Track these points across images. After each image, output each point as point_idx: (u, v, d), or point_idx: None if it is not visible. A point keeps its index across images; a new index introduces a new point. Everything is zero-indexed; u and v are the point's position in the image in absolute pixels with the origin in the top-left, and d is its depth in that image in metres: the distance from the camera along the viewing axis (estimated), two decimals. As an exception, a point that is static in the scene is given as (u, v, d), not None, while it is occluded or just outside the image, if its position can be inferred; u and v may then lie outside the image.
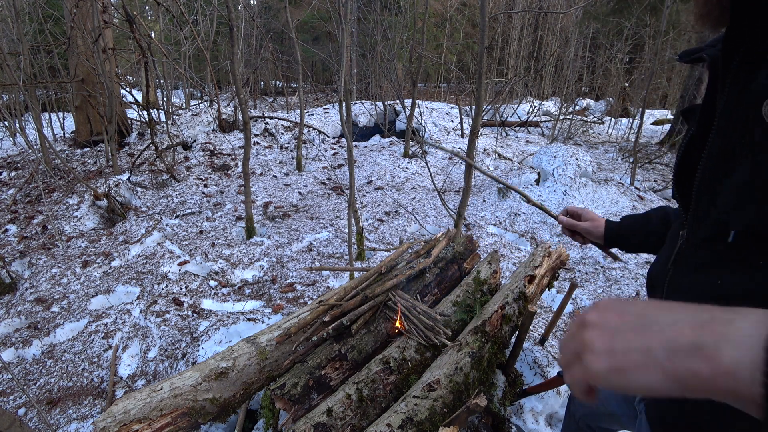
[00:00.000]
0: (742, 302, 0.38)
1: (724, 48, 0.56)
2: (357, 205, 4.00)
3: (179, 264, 3.17)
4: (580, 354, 0.39)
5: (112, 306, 2.75)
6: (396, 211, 4.14)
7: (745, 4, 0.51)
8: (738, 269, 0.54)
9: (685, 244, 0.67)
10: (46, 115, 6.80)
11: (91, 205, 3.93)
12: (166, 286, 2.90)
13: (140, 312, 2.66)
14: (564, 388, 1.83)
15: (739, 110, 0.55)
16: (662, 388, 0.34)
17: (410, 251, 1.90)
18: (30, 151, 5.32)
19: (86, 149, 5.62)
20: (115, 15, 6.08)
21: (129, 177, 4.70)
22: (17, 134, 6.42)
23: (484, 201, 4.40)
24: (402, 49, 9.03)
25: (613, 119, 9.12)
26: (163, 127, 5.82)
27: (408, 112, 5.64)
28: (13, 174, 4.91)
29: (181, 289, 2.89)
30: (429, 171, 3.35)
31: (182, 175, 4.97)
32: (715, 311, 0.35)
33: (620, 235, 1.01)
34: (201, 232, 3.73)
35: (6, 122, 6.36)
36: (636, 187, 4.77)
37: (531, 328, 2.39)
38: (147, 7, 11.20)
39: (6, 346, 2.40)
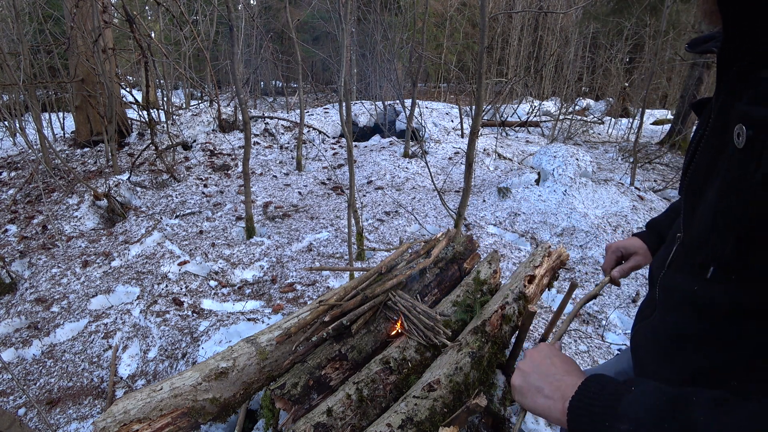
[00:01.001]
0: (709, 311, 0.54)
1: (722, 50, 0.53)
2: (357, 205, 4.00)
3: (179, 264, 3.17)
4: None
5: (112, 306, 2.75)
6: (396, 211, 4.14)
7: (739, 6, 0.48)
8: (709, 282, 0.55)
9: (680, 246, 0.66)
10: (46, 115, 6.80)
11: (91, 205, 3.93)
12: (166, 286, 2.90)
13: (140, 312, 2.66)
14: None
15: (726, 118, 0.53)
16: (540, 414, 0.60)
17: (410, 251, 1.90)
18: (30, 151, 5.32)
19: (86, 149, 5.62)
20: (115, 15, 6.08)
21: (129, 177, 4.70)
22: (17, 134, 6.42)
23: (484, 201, 4.40)
24: (402, 49, 9.03)
25: (613, 119, 9.12)
26: (163, 127, 5.82)
27: (408, 112, 5.64)
28: (13, 174, 4.91)
29: (181, 289, 2.89)
30: (429, 171, 3.35)
31: (182, 175, 4.97)
32: (564, 376, 0.59)
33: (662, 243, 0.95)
34: (201, 232, 3.73)
35: (6, 122, 6.36)
36: (636, 187, 4.77)
37: (531, 328, 2.39)
38: (147, 7, 11.20)
39: (6, 346, 2.40)
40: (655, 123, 9.89)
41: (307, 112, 7.56)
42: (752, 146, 0.44)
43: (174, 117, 6.14)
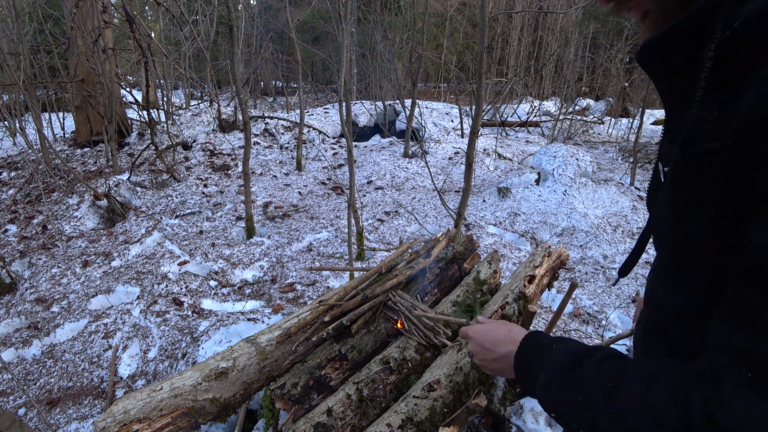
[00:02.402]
0: (664, 309, 0.62)
1: (659, 91, 0.56)
2: (357, 205, 4.00)
3: (179, 264, 3.17)
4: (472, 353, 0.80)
5: (112, 306, 2.75)
6: (396, 211, 4.14)
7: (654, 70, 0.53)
8: (663, 285, 0.62)
9: None
10: (46, 115, 6.80)
11: (91, 205, 3.93)
12: (166, 286, 2.90)
13: (140, 312, 2.66)
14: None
15: (659, 150, 0.60)
16: (497, 373, 0.74)
17: (410, 251, 1.90)
18: (30, 151, 5.32)
19: (86, 149, 5.62)
20: (115, 15, 6.08)
21: (129, 177, 4.70)
22: (17, 134, 6.42)
23: (484, 201, 4.40)
24: (402, 49, 9.03)
25: (613, 119, 9.12)
26: (163, 127, 5.82)
27: (408, 112, 5.64)
28: (13, 174, 4.91)
29: (181, 289, 2.89)
30: (429, 171, 3.35)
31: (182, 175, 4.97)
32: (510, 335, 0.72)
33: None
34: (201, 232, 3.73)
35: (6, 122, 6.36)
36: (636, 187, 4.78)
37: (531, 328, 2.39)
38: (147, 7, 11.20)
39: (6, 346, 2.40)
40: (655, 123, 9.88)
41: (307, 112, 7.56)
42: (668, 181, 0.51)
43: (174, 117, 6.14)
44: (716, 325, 0.44)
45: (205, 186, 4.78)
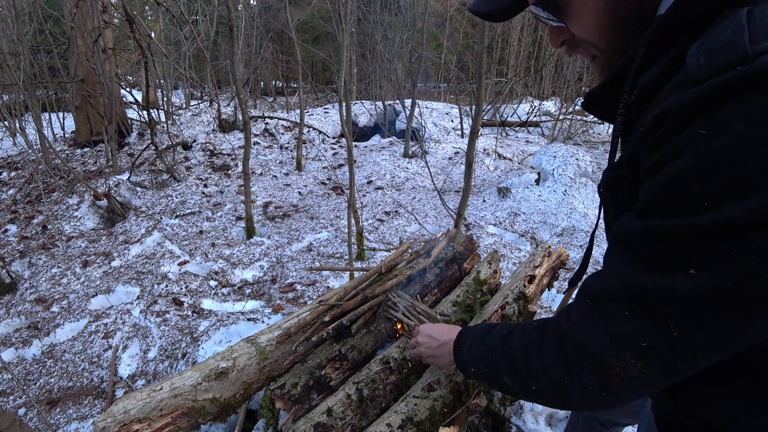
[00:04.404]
0: None
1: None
2: (357, 205, 4.00)
3: (179, 264, 3.17)
4: (416, 347, 1.09)
5: (112, 306, 2.75)
6: (396, 211, 4.14)
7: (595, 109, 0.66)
8: None
9: None
10: (46, 115, 6.79)
11: (91, 205, 3.93)
12: (166, 286, 2.90)
13: (140, 312, 2.66)
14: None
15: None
16: (436, 360, 1.03)
17: (410, 251, 1.90)
18: (30, 151, 5.32)
19: (86, 149, 5.62)
20: (115, 15, 6.08)
21: (129, 177, 4.70)
22: (17, 134, 6.42)
23: (484, 201, 4.40)
24: (402, 49, 9.02)
25: (613, 119, 9.10)
26: (163, 127, 5.82)
27: (408, 112, 5.64)
28: (13, 174, 4.91)
29: (181, 289, 2.89)
30: (429, 171, 3.35)
31: (182, 175, 4.97)
32: (447, 333, 1.00)
33: None
34: (201, 232, 3.73)
35: (6, 122, 6.36)
36: (636, 187, 4.77)
37: (531, 328, 2.38)
38: (147, 7, 11.20)
39: (6, 346, 2.40)
40: (655, 123, 9.87)
41: (307, 112, 7.56)
42: (602, 197, 0.64)
43: (174, 117, 6.14)
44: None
45: (205, 186, 4.78)
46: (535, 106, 9.12)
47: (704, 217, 0.41)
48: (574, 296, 0.67)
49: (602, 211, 0.68)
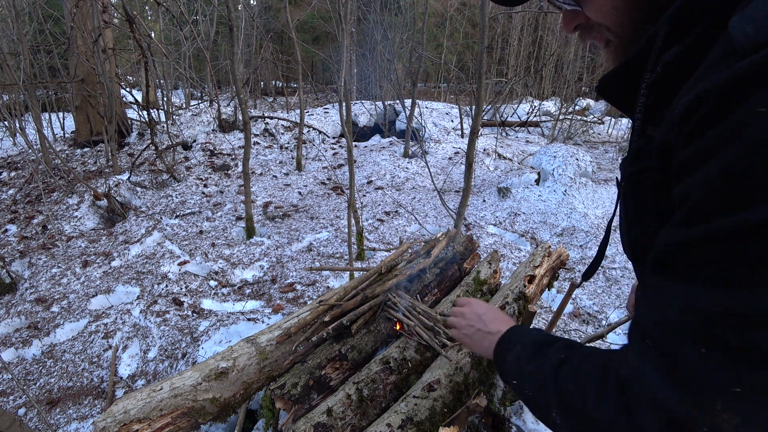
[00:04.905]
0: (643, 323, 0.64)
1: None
2: (357, 205, 4.00)
3: (179, 264, 3.17)
4: (458, 317, 0.94)
5: (112, 306, 2.75)
6: (396, 211, 4.14)
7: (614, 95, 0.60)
8: (640, 297, 0.67)
9: None
10: (46, 115, 6.79)
11: (91, 205, 3.93)
12: (166, 286, 2.90)
13: (140, 312, 2.66)
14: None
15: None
16: (475, 346, 0.88)
17: (410, 251, 1.90)
18: (30, 151, 5.32)
19: (86, 149, 5.62)
20: (115, 15, 6.08)
21: (129, 177, 4.70)
22: (17, 134, 6.42)
23: (484, 201, 4.40)
24: (402, 49, 9.02)
25: (613, 119, 9.11)
26: (163, 127, 5.82)
27: (408, 112, 5.64)
28: (13, 174, 4.91)
29: (181, 289, 2.89)
30: (429, 171, 3.35)
31: (182, 175, 4.97)
32: (498, 322, 0.86)
33: None
34: (201, 232, 3.73)
35: (6, 122, 6.36)
36: (636, 187, 4.77)
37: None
38: (147, 7, 11.20)
39: (6, 346, 2.40)
40: (655, 123, 9.87)
41: (307, 112, 7.56)
42: (621, 193, 0.58)
43: (174, 117, 6.14)
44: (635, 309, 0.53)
45: (205, 186, 4.78)
46: (535, 106, 9.12)
47: None
48: (626, 335, 0.55)
49: (620, 206, 0.61)
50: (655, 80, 0.48)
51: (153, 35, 8.44)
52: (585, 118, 8.68)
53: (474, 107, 2.68)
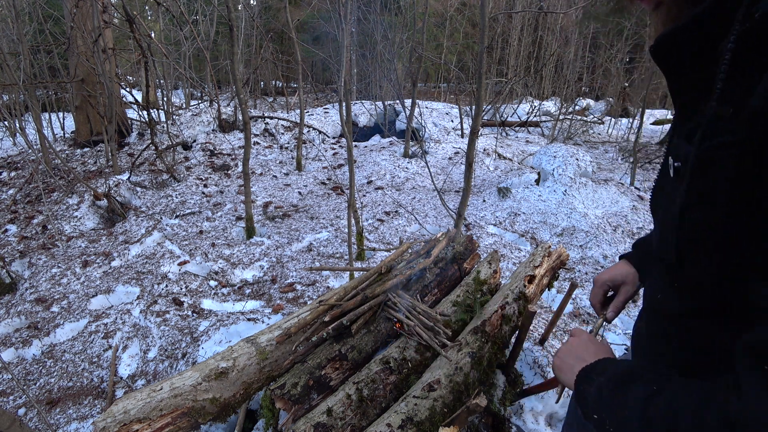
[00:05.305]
0: (665, 313, 0.64)
1: (669, 83, 0.56)
2: (357, 205, 4.00)
3: (179, 264, 3.17)
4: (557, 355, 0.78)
5: (112, 306, 2.75)
6: (396, 211, 4.14)
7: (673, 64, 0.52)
8: (663, 289, 0.63)
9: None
10: (46, 115, 6.79)
11: (91, 205, 3.93)
12: (166, 286, 2.90)
13: (140, 312, 2.66)
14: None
15: (669, 146, 0.61)
16: (563, 372, 0.72)
17: (410, 251, 1.90)
18: (30, 151, 5.32)
19: (86, 149, 5.62)
20: (115, 15, 6.08)
21: (129, 177, 4.70)
22: (17, 134, 6.42)
23: (484, 201, 4.40)
24: (402, 49, 9.02)
25: (613, 119, 9.11)
26: (163, 127, 5.82)
27: (408, 112, 5.64)
28: (13, 174, 4.91)
29: (181, 289, 2.89)
30: (429, 171, 3.35)
31: (182, 175, 4.97)
32: (590, 355, 0.71)
33: (648, 262, 0.91)
34: (201, 232, 3.73)
35: (6, 122, 6.36)
36: (636, 187, 4.78)
37: (531, 328, 2.39)
38: (147, 7, 11.20)
39: (6, 346, 2.40)
40: (655, 123, 9.88)
41: (307, 112, 7.56)
42: (678, 177, 0.52)
43: (174, 117, 6.14)
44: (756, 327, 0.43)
45: (205, 186, 4.78)
46: (535, 106, 9.12)
47: None
48: (738, 357, 0.46)
49: (667, 192, 0.54)
50: (748, 32, 0.40)
51: (153, 35, 8.44)
52: (585, 118, 8.67)
53: (474, 107, 2.68)
